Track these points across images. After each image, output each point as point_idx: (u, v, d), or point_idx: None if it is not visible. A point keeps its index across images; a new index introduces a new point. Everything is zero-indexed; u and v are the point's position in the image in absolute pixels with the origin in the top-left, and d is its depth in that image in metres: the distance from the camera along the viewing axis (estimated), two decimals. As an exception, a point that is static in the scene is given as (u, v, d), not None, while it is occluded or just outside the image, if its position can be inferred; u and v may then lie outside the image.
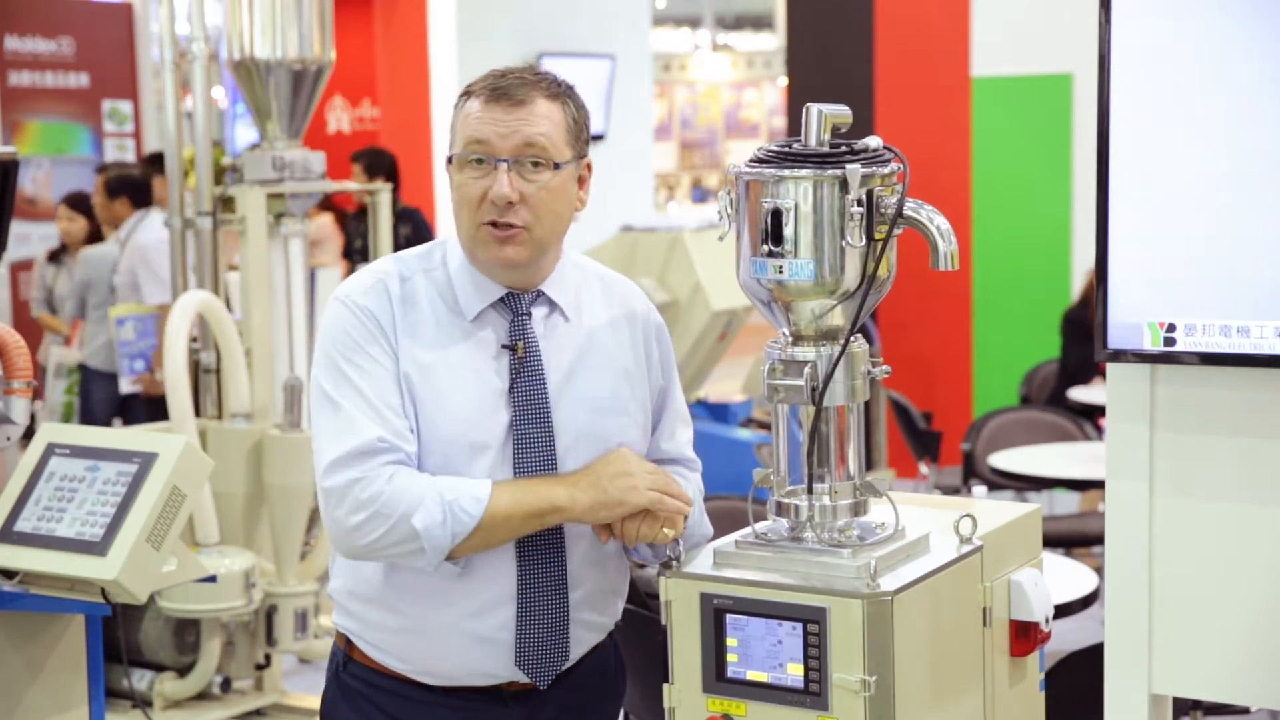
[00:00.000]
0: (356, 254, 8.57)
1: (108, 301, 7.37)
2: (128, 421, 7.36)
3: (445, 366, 2.39)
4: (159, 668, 5.20)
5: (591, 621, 2.49)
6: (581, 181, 2.47)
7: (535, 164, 2.37)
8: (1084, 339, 7.36)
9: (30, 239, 9.29)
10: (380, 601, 2.43)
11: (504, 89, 2.38)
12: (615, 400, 2.48)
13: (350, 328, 2.40)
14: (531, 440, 2.40)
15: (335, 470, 2.33)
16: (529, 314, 2.45)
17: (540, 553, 2.41)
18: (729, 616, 2.16)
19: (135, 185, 7.54)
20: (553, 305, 2.47)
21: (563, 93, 2.43)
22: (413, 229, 8.67)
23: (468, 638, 2.40)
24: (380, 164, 8.97)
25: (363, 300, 2.41)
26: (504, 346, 2.42)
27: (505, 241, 2.38)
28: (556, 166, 2.39)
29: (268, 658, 5.37)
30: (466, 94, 2.43)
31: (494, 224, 2.37)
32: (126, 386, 6.91)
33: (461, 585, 2.39)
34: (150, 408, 6.95)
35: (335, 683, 2.53)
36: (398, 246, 7.56)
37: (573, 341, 2.47)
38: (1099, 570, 4.61)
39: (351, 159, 9.12)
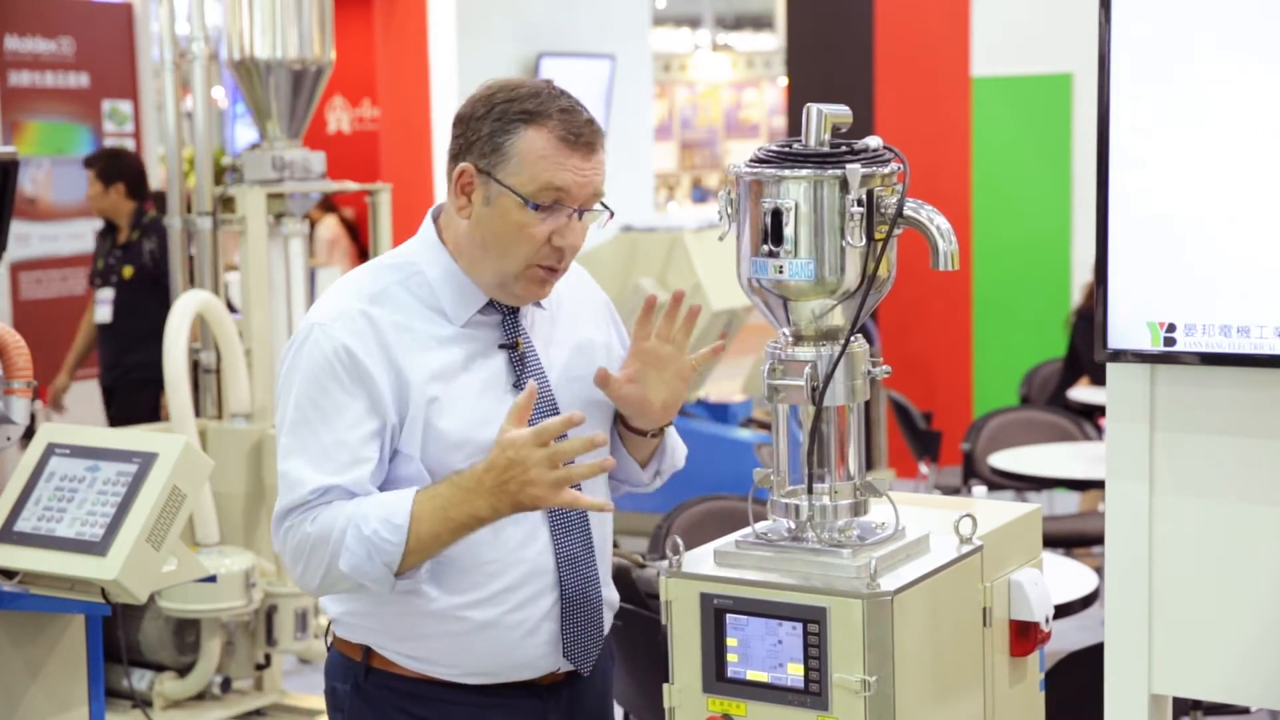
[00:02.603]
0: (98, 277, 7.12)
1: None
2: None
3: (448, 372, 2.38)
4: (159, 668, 5.20)
5: (610, 599, 2.52)
6: None
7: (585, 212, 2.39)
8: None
9: (30, 239, 9.27)
10: (416, 613, 2.40)
11: (583, 135, 2.37)
12: (594, 371, 2.50)
13: (319, 364, 2.34)
14: None
15: (278, 522, 2.35)
16: (517, 310, 2.46)
17: (570, 534, 2.44)
18: (729, 616, 2.16)
19: None
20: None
21: (604, 140, 2.45)
22: (159, 243, 6.79)
23: (516, 632, 2.40)
24: (118, 169, 7.08)
25: (339, 332, 2.35)
26: (501, 345, 2.43)
27: (545, 283, 2.40)
28: (611, 216, 2.42)
29: (268, 658, 5.37)
30: (526, 118, 2.35)
31: (545, 265, 2.38)
32: None
33: (502, 581, 2.39)
34: None
35: (356, 694, 2.47)
36: (139, 265, 6.82)
37: (554, 332, 2.50)
38: (1099, 570, 4.61)
39: (85, 163, 7.46)
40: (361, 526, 2.27)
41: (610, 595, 2.53)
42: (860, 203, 2.13)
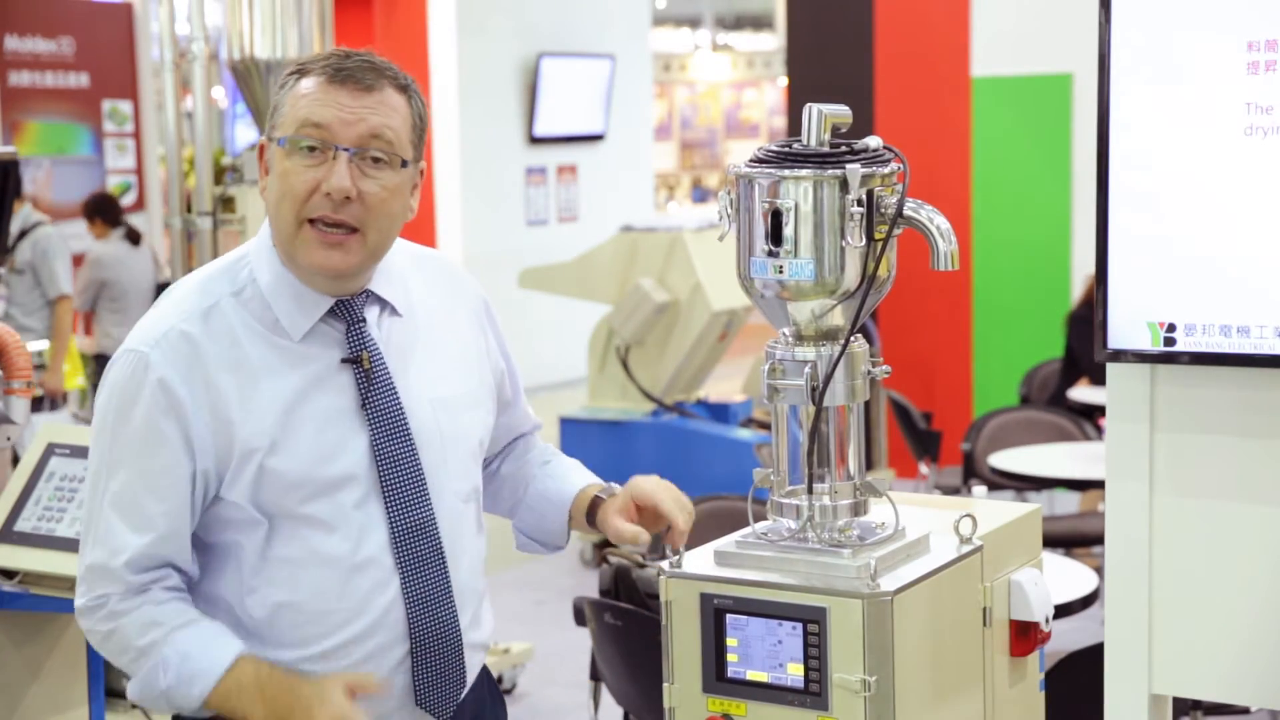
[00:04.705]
0: None
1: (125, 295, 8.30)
2: None
3: (280, 403, 2.15)
4: (159, 668, 5.20)
5: (478, 641, 2.35)
6: (414, 188, 2.23)
7: (377, 159, 2.14)
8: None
9: (30, 239, 9.28)
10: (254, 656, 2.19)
11: (350, 71, 2.14)
12: (468, 395, 2.32)
13: (131, 397, 2.13)
14: (395, 459, 2.21)
15: (84, 581, 2.16)
16: (364, 320, 2.22)
17: (423, 574, 2.24)
18: (729, 616, 2.16)
19: None
20: (383, 304, 2.26)
21: (409, 86, 2.21)
22: None
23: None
24: None
25: (156, 360, 2.13)
26: (345, 360, 2.20)
27: (333, 246, 2.14)
28: (404, 164, 2.17)
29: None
30: (299, 72, 2.17)
31: (321, 223, 2.13)
32: None
33: (347, 633, 2.21)
34: None
35: None
36: None
37: (412, 339, 2.27)
38: (1099, 570, 4.61)
39: None
40: (161, 673, 2.13)
41: (478, 636, 2.34)
42: (860, 203, 2.13)
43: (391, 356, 2.24)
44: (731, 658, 2.16)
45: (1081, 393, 7.37)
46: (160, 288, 8.59)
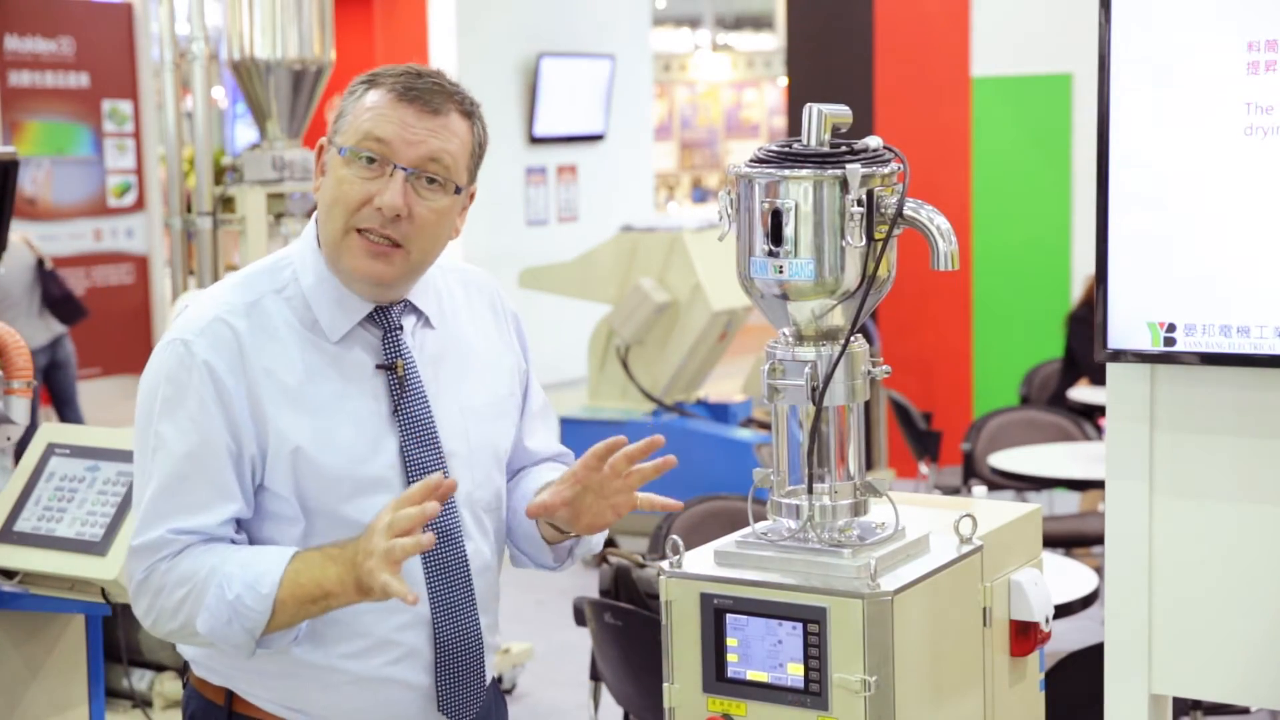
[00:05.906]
0: None
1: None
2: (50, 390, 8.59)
3: (318, 400, 2.21)
4: (159, 668, 5.20)
5: (494, 644, 2.39)
6: (463, 210, 2.29)
7: (432, 181, 2.20)
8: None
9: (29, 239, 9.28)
10: (288, 661, 2.23)
11: (420, 92, 2.20)
12: (495, 404, 2.37)
13: (180, 383, 2.17)
14: (424, 466, 2.24)
15: (134, 559, 2.18)
16: (401, 328, 2.28)
17: (451, 593, 2.29)
18: (729, 616, 2.16)
19: None
20: (419, 314, 2.32)
21: (475, 112, 2.26)
22: None
23: (389, 685, 2.26)
24: None
25: (200, 349, 2.17)
26: (380, 366, 2.25)
27: (377, 256, 2.20)
28: (457, 190, 2.23)
29: (268, 658, 5.35)
30: (370, 82, 2.22)
31: (367, 232, 2.19)
32: None
33: (380, 632, 2.25)
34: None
35: None
36: None
37: (444, 350, 2.33)
38: (1099, 570, 4.61)
39: None
40: (225, 588, 2.11)
41: (494, 639, 2.38)
42: (860, 203, 2.13)
43: (424, 365, 2.29)
44: (731, 658, 2.16)
45: (1081, 393, 7.37)
46: (39, 264, 8.54)
